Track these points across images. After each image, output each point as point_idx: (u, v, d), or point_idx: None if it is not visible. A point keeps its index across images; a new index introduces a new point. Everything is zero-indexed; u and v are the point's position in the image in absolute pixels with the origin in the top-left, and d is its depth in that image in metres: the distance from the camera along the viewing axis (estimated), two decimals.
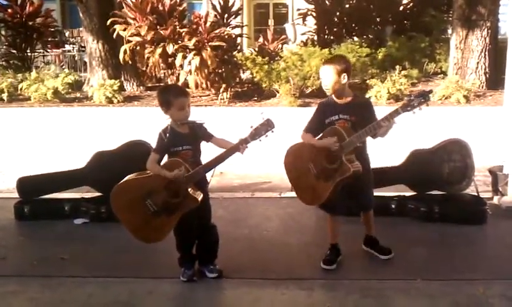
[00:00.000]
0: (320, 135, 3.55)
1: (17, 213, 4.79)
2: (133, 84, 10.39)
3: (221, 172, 6.15)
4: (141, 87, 10.41)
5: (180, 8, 10.12)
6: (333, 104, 3.55)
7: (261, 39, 11.97)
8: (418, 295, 3.29)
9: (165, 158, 3.39)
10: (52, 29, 13.79)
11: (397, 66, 9.30)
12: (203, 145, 3.46)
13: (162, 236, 3.40)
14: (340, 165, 3.38)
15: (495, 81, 9.34)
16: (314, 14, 12.81)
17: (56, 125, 8.18)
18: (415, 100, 3.19)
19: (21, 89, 9.70)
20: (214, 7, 11.16)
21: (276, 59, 9.76)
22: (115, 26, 9.41)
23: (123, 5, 9.59)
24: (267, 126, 3.23)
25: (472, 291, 3.28)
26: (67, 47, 15.47)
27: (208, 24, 9.50)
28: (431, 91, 3.35)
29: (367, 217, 3.81)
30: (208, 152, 3.42)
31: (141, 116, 8.33)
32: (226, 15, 11.07)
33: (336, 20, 12.72)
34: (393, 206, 4.62)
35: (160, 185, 3.29)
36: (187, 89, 4.09)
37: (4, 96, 9.47)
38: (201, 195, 3.35)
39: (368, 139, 3.53)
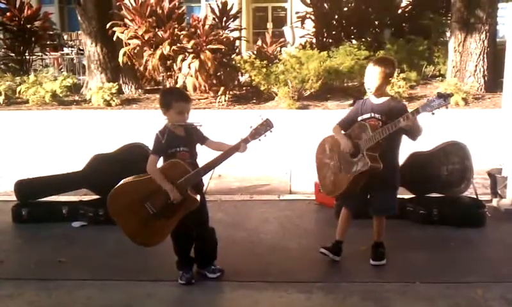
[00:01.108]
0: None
1: (15, 216, 4.77)
2: (131, 87, 10.39)
3: (220, 174, 6.14)
4: (140, 90, 10.41)
5: (179, 11, 10.13)
6: (369, 103, 3.62)
7: (259, 42, 11.96)
8: (417, 297, 3.29)
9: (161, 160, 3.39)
10: (51, 32, 13.78)
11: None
12: (202, 148, 3.46)
13: (162, 238, 3.41)
14: (360, 159, 3.45)
15: (493, 84, 9.34)
16: (313, 17, 12.83)
17: (54, 127, 8.17)
18: (435, 100, 3.20)
19: (19, 92, 9.69)
20: (212, 11, 11.16)
21: (275, 62, 9.76)
22: (114, 28, 9.41)
23: (122, 8, 9.59)
24: (267, 126, 3.29)
25: (471, 294, 3.27)
26: (66, 50, 15.46)
27: (206, 27, 9.50)
28: (451, 95, 3.37)
29: (376, 221, 3.73)
30: (207, 155, 3.42)
31: (140, 118, 8.33)
32: (224, 18, 11.07)
33: (334, 23, 12.72)
34: None
35: (159, 187, 3.28)
36: (187, 92, 4.09)
37: (1, 99, 9.45)
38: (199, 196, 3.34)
39: (404, 147, 3.59)
